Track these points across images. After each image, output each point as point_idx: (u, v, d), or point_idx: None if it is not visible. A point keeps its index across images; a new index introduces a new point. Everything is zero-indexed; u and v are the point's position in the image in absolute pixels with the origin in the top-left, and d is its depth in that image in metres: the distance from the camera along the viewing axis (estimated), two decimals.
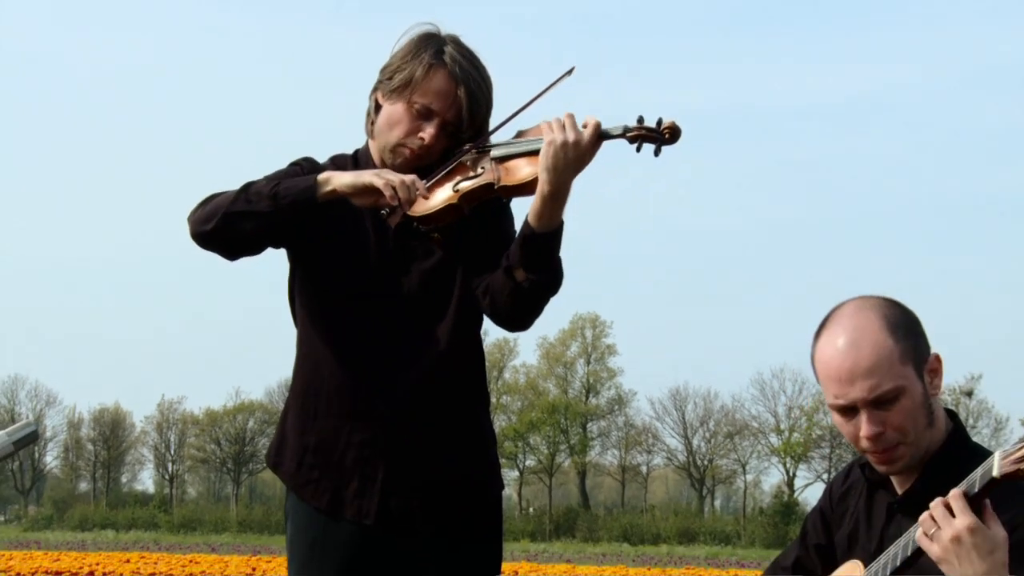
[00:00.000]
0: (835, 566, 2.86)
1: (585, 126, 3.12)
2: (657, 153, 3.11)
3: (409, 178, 3.13)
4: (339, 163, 3.38)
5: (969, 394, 55.39)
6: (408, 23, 3.31)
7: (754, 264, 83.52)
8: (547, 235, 3.14)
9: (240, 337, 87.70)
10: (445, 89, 3.23)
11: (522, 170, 3.18)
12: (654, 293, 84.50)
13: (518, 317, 3.24)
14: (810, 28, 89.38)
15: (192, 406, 68.01)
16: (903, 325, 2.71)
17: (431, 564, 3.29)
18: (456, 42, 3.29)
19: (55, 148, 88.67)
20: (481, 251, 3.26)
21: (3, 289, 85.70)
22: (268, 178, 3.27)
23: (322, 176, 3.18)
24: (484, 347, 3.43)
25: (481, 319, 3.33)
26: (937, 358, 2.73)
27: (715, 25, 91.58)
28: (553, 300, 3.24)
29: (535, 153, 3.15)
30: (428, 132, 3.24)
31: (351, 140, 3.50)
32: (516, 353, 63.37)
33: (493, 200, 3.25)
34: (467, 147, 3.24)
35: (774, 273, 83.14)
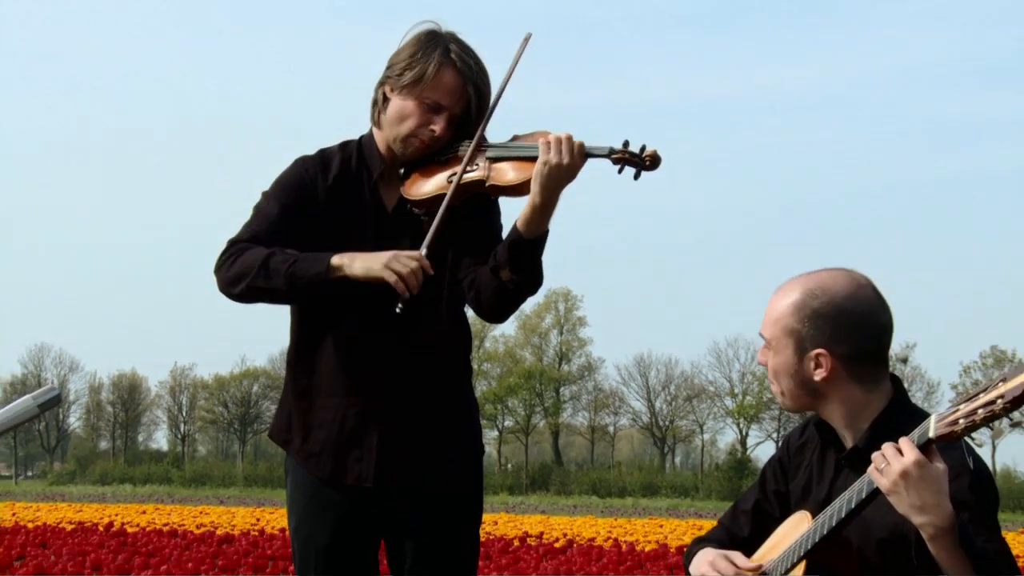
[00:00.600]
0: (791, 512, 2.86)
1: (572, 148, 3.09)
2: (637, 177, 3.09)
3: (416, 264, 3.11)
4: (346, 151, 3.36)
5: (904, 361, 55.67)
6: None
7: (711, 242, 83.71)
8: (533, 241, 3.13)
9: (246, 309, 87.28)
10: (454, 86, 3.22)
11: (509, 173, 3.17)
12: (621, 270, 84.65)
13: (500, 312, 3.24)
14: (768, 28, 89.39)
15: (202, 372, 68.15)
16: (817, 312, 2.72)
17: (419, 518, 3.28)
18: (456, 40, 3.27)
19: (74, 132, 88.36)
20: (469, 242, 3.25)
21: (33, 266, 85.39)
22: (271, 215, 3.25)
23: (335, 261, 3.15)
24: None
25: None
26: (824, 356, 2.71)
27: (677, 22, 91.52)
28: None
29: (525, 159, 3.14)
30: (439, 125, 3.23)
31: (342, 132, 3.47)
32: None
33: (482, 195, 3.23)
34: (467, 143, 3.22)
35: (729, 251, 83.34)
